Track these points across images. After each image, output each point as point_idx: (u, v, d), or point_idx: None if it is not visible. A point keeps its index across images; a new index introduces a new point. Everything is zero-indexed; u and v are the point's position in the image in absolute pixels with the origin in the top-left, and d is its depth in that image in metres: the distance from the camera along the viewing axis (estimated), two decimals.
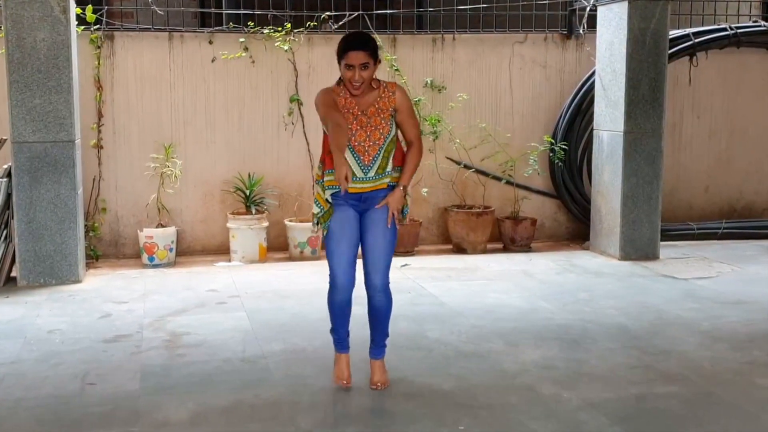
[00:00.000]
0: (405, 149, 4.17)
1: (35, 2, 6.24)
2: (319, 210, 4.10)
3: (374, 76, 4.02)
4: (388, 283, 4.11)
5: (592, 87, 7.93)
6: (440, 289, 6.30)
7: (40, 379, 4.40)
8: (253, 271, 7.02)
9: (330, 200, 4.04)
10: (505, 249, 7.98)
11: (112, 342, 5.04)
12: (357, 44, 3.88)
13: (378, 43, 3.83)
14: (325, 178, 4.07)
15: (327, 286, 4.13)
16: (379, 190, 4.06)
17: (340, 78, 4.01)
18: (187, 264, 7.40)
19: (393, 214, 4.03)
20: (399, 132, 4.13)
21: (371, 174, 4.01)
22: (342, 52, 3.91)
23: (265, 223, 7.53)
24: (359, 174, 3.99)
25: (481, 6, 8.28)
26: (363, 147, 3.99)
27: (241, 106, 7.79)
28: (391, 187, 4.09)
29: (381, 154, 4.00)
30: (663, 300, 6.01)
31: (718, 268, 7.04)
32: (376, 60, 3.95)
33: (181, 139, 7.66)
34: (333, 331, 4.21)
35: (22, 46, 6.25)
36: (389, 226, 4.04)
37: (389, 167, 4.05)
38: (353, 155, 3.97)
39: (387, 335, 4.23)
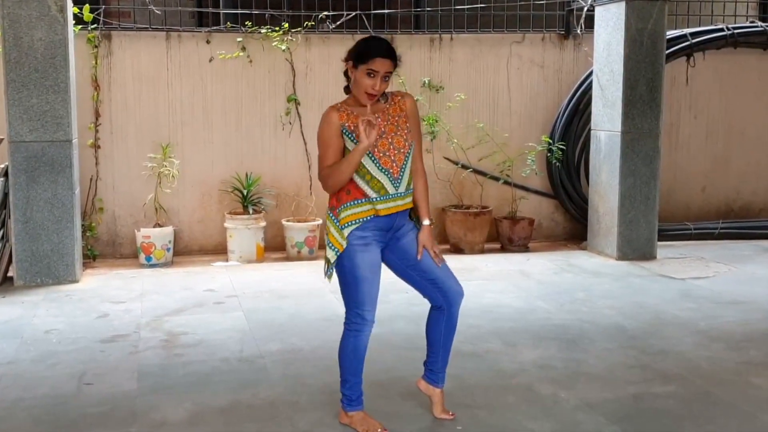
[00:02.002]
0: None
1: (32, 1, 6.23)
2: (334, 253, 3.56)
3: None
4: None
5: (589, 87, 7.94)
6: None
7: (37, 379, 4.39)
8: (250, 271, 7.01)
9: (345, 240, 3.54)
10: (503, 249, 7.98)
11: (109, 342, 5.04)
12: (385, 51, 3.46)
13: (400, 61, 3.58)
14: (342, 214, 3.54)
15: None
16: (406, 211, 3.62)
17: (346, 88, 3.60)
18: (185, 264, 7.39)
19: (435, 253, 3.69)
20: None
21: (402, 189, 3.55)
22: (365, 57, 3.45)
23: (263, 223, 7.52)
24: (391, 190, 3.51)
25: (478, 6, 8.28)
26: (389, 157, 3.52)
27: (239, 106, 7.79)
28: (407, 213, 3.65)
29: (408, 165, 3.56)
30: (660, 300, 6.01)
31: (715, 268, 7.05)
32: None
33: (178, 138, 7.66)
34: (349, 386, 3.70)
35: (19, 45, 6.24)
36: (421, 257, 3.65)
37: (412, 184, 3.63)
38: (379, 168, 3.50)
39: None
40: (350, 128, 3.50)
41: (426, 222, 3.67)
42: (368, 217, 3.52)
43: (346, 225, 3.52)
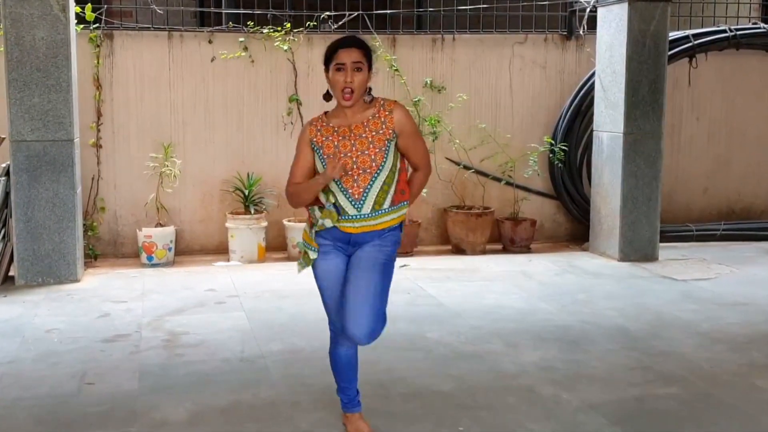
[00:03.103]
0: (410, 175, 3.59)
1: (34, 0, 6.23)
2: (308, 250, 3.51)
3: (369, 92, 3.43)
4: (376, 330, 3.45)
5: (591, 88, 7.93)
6: (439, 290, 6.29)
7: (37, 378, 4.39)
8: (251, 271, 7.00)
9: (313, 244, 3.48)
10: (505, 250, 7.97)
11: (110, 341, 5.03)
12: (349, 42, 3.36)
13: (374, 50, 3.43)
14: (318, 222, 3.46)
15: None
16: (375, 231, 3.41)
17: (326, 95, 3.48)
18: (186, 263, 7.39)
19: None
20: (402, 161, 3.51)
21: (366, 211, 3.36)
22: (330, 54, 3.35)
23: (264, 223, 7.52)
24: (351, 211, 3.36)
25: (481, 6, 8.28)
26: (351, 177, 3.34)
27: (241, 106, 7.79)
28: (392, 229, 3.46)
29: (375, 186, 3.35)
30: (662, 301, 6.00)
31: (716, 270, 7.04)
32: (371, 65, 3.39)
33: (180, 138, 7.65)
34: (341, 391, 3.68)
35: (21, 45, 6.24)
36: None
37: (387, 203, 3.39)
38: (339, 188, 3.35)
39: None
40: (318, 143, 3.39)
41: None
42: (326, 230, 3.43)
43: (312, 232, 3.50)
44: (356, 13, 7.93)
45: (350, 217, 3.37)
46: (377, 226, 3.40)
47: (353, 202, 3.36)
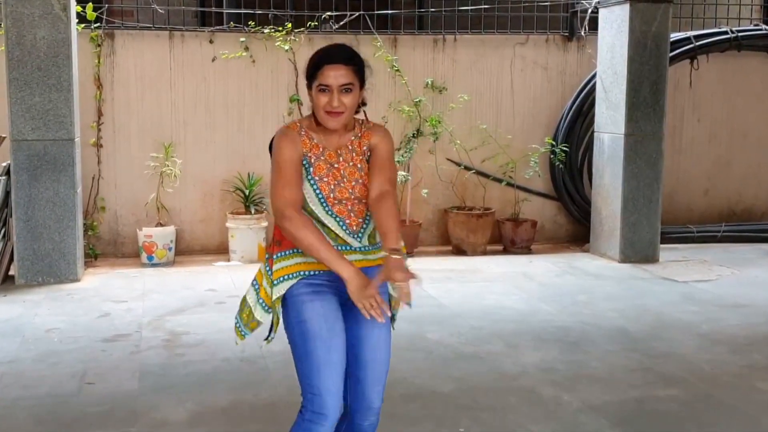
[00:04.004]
0: (369, 200, 2.82)
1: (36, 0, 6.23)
2: (263, 312, 2.85)
3: (362, 104, 2.85)
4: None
5: (593, 89, 7.92)
6: (440, 291, 6.28)
7: (38, 378, 4.39)
8: (252, 271, 6.90)
9: (281, 295, 2.77)
10: (505, 251, 7.97)
11: (110, 341, 5.03)
12: (335, 56, 2.76)
13: (367, 64, 2.83)
14: (276, 265, 2.78)
15: None
16: (371, 270, 2.73)
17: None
18: (186, 263, 7.38)
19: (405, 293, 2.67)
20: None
21: (365, 243, 2.80)
22: (313, 71, 2.78)
23: (264, 223, 7.51)
24: (354, 243, 2.77)
25: (482, 7, 8.27)
26: (345, 207, 2.77)
27: (241, 106, 7.78)
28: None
29: (371, 217, 2.81)
30: (662, 303, 6.00)
31: (717, 271, 7.04)
32: (363, 82, 2.79)
33: (180, 138, 7.65)
34: None
35: (22, 44, 6.24)
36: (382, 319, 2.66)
37: (377, 236, 2.82)
38: (335, 218, 2.76)
39: None
40: (311, 161, 2.77)
41: (397, 253, 2.65)
42: (315, 271, 2.73)
43: (280, 279, 2.76)
44: (357, 14, 7.93)
45: (352, 248, 2.77)
46: (376, 262, 2.78)
47: (352, 234, 2.78)
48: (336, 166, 2.78)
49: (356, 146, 2.83)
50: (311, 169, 2.78)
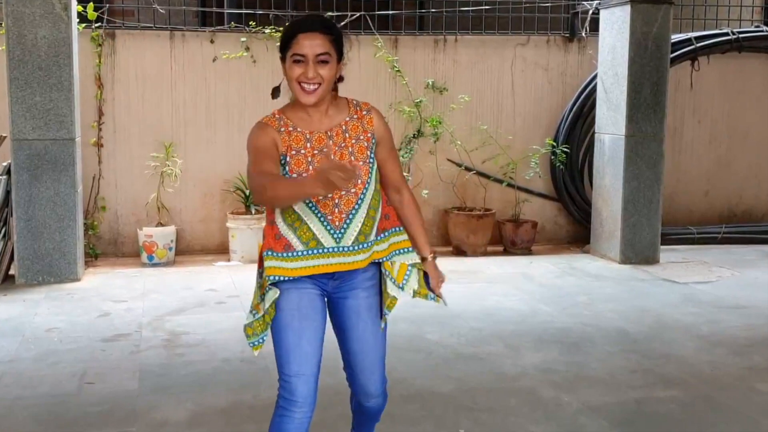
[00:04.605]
0: (391, 202, 2.82)
1: None
2: (251, 316, 2.75)
3: (337, 91, 2.71)
4: (386, 382, 2.91)
5: (594, 90, 7.93)
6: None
7: (37, 377, 4.39)
8: (252, 271, 6.90)
9: (267, 291, 2.69)
10: (506, 252, 7.97)
11: (110, 341, 5.03)
12: (309, 25, 2.57)
13: (345, 35, 2.68)
14: (266, 264, 2.66)
15: None
16: (358, 270, 2.69)
17: (274, 90, 2.76)
18: (187, 263, 7.39)
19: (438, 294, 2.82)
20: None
21: (346, 243, 2.63)
22: (287, 39, 2.59)
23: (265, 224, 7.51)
24: (328, 243, 2.61)
25: (483, 8, 8.28)
26: (331, 201, 2.59)
27: (242, 106, 7.78)
28: (377, 264, 2.74)
29: (360, 211, 2.63)
30: (662, 304, 6.00)
31: (717, 273, 7.03)
32: (341, 55, 2.63)
33: (181, 138, 7.65)
34: None
35: (22, 43, 6.24)
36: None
37: (373, 234, 2.68)
38: (316, 214, 2.61)
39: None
40: (288, 157, 2.61)
41: (430, 258, 2.83)
42: (286, 277, 2.64)
43: (269, 277, 2.67)
44: (358, 14, 7.93)
45: (325, 251, 2.62)
46: (363, 262, 2.67)
47: (332, 231, 2.62)
48: (326, 151, 2.61)
49: (351, 128, 2.67)
50: (287, 167, 2.61)
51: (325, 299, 2.74)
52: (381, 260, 2.74)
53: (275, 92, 2.75)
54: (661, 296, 6.24)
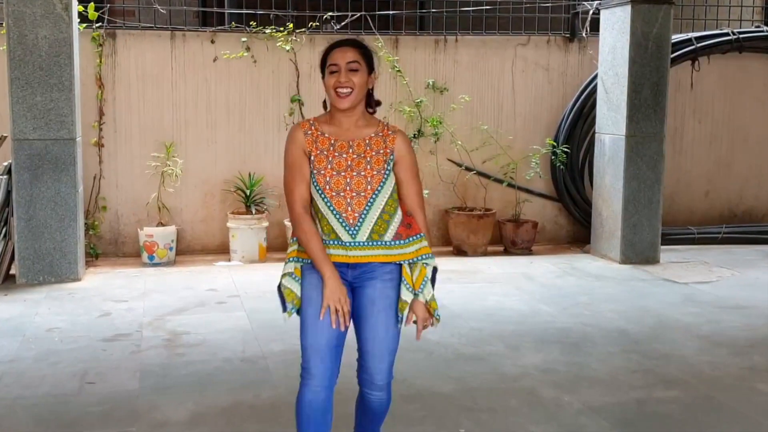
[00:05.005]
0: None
1: None
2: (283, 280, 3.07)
3: (376, 103, 3.07)
4: (392, 379, 3.06)
5: (594, 90, 7.93)
6: (440, 291, 6.16)
7: (38, 377, 4.39)
8: (252, 271, 7.00)
9: (291, 275, 3.04)
10: (506, 252, 7.97)
11: (111, 341, 5.03)
12: (342, 42, 3.02)
13: (374, 52, 3.08)
14: (291, 247, 3.05)
15: None
16: (377, 264, 2.96)
17: (323, 103, 3.10)
18: (187, 263, 7.39)
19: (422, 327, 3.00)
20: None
21: (362, 239, 2.93)
22: (324, 58, 3.01)
23: (265, 223, 7.52)
24: (345, 237, 2.92)
25: (483, 8, 8.28)
26: (344, 199, 2.92)
27: (243, 106, 7.78)
28: (398, 266, 2.98)
29: (372, 212, 2.93)
30: (663, 304, 6.00)
31: (718, 273, 7.04)
32: (371, 69, 3.01)
33: (182, 138, 7.65)
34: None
35: (23, 43, 6.24)
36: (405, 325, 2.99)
37: (390, 235, 2.96)
38: (332, 212, 2.93)
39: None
40: (314, 156, 2.95)
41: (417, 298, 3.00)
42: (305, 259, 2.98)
43: (291, 260, 3.03)
44: (359, 14, 7.93)
45: (344, 244, 2.93)
46: (378, 257, 2.95)
47: (347, 228, 2.93)
48: (345, 156, 2.95)
49: (374, 143, 2.99)
50: (313, 163, 2.96)
51: (348, 288, 2.97)
52: (405, 262, 2.98)
53: (325, 105, 3.10)
54: (661, 296, 6.24)
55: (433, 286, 3.07)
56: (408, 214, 3.03)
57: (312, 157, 2.96)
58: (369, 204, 2.93)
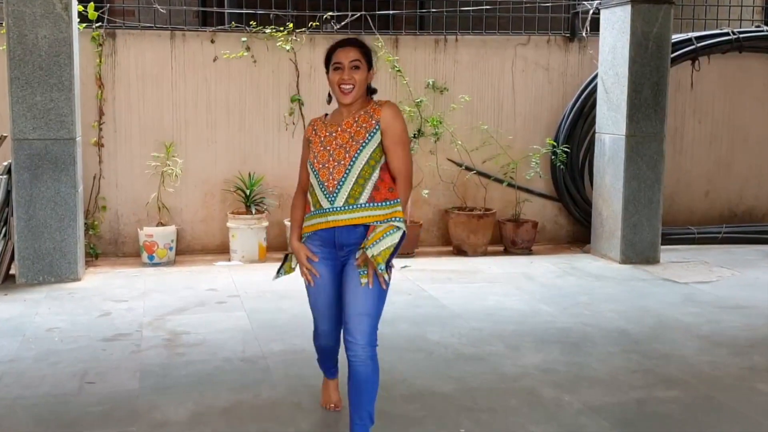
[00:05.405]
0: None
1: None
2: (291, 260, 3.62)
3: (373, 92, 3.46)
4: (375, 346, 3.35)
5: (594, 90, 7.93)
6: (440, 291, 6.28)
7: (38, 377, 4.38)
8: (252, 271, 7.00)
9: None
10: (506, 251, 7.97)
11: (111, 341, 5.03)
12: (346, 42, 3.40)
13: (374, 51, 3.47)
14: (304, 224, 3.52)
15: None
16: (354, 230, 3.34)
17: (328, 96, 3.51)
18: (187, 263, 7.39)
19: (374, 272, 3.27)
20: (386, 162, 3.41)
21: (339, 204, 3.32)
22: (329, 56, 3.40)
23: (265, 223, 7.52)
24: (324, 204, 3.34)
25: (483, 8, 8.27)
26: (327, 169, 3.33)
27: (242, 106, 7.78)
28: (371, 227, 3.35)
29: (349, 178, 3.30)
30: (663, 304, 6.00)
31: (718, 273, 7.03)
32: (370, 66, 3.40)
33: (182, 138, 7.65)
34: (319, 362, 3.88)
35: (23, 43, 6.24)
36: (371, 285, 3.29)
37: (364, 198, 3.30)
38: (318, 182, 3.37)
39: (371, 418, 3.40)
40: (311, 140, 3.45)
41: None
42: (307, 233, 3.47)
43: (303, 236, 3.51)
44: (359, 14, 7.93)
45: (324, 210, 3.35)
46: (353, 221, 3.32)
47: (327, 195, 3.34)
48: (335, 134, 3.38)
49: (361, 119, 3.37)
50: (311, 146, 3.45)
51: (339, 265, 3.42)
52: (377, 223, 3.31)
53: (330, 98, 3.49)
54: (661, 296, 6.24)
55: (395, 251, 3.30)
56: (393, 178, 3.37)
57: (311, 141, 3.45)
58: (347, 171, 3.31)
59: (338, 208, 3.33)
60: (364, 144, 3.32)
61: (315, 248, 3.43)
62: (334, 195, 3.32)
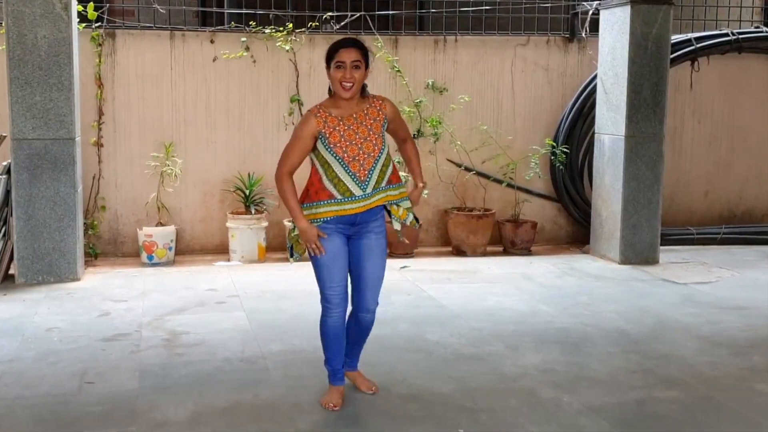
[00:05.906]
0: (400, 149, 4.15)
1: None
2: (296, 235, 3.97)
3: (365, 88, 3.89)
4: (377, 305, 4.05)
5: (593, 90, 7.93)
6: (440, 292, 6.28)
7: (37, 377, 4.38)
8: (252, 271, 7.00)
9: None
10: (505, 252, 7.97)
11: (110, 341, 5.03)
12: (349, 42, 3.78)
13: (371, 51, 3.87)
14: (305, 212, 3.87)
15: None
16: (372, 210, 3.89)
17: (330, 90, 3.87)
18: (186, 263, 7.38)
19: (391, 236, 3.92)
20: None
21: (369, 190, 3.83)
22: (331, 53, 3.78)
23: (265, 223, 7.52)
24: (357, 192, 3.80)
25: (483, 8, 8.28)
26: (357, 161, 3.79)
27: (242, 106, 7.78)
28: (387, 212, 4.00)
29: (377, 168, 3.83)
30: (662, 304, 6.00)
31: (717, 273, 7.04)
32: (368, 64, 3.81)
33: (181, 138, 7.65)
34: (327, 362, 4.02)
35: (23, 43, 6.24)
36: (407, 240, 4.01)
37: (384, 182, 3.89)
38: (347, 172, 3.79)
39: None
40: (326, 134, 3.79)
41: (420, 185, 4.11)
42: (329, 218, 3.83)
43: (314, 221, 3.85)
44: (358, 14, 7.93)
45: (356, 198, 3.80)
46: (376, 202, 3.87)
47: (359, 184, 3.79)
48: (353, 128, 3.80)
49: (371, 113, 3.87)
50: (326, 139, 3.79)
51: (345, 239, 3.89)
52: (391, 203, 3.95)
53: (330, 92, 3.85)
54: (660, 297, 6.24)
55: (416, 219, 4.11)
56: (402, 141, 4.09)
57: (325, 134, 3.79)
58: (375, 162, 3.81)
59: (368, 194, 3.82)
60: (384, 137, 3.87)
61: (330, 226, 3.83)
62: (366, 183, 3.80)
